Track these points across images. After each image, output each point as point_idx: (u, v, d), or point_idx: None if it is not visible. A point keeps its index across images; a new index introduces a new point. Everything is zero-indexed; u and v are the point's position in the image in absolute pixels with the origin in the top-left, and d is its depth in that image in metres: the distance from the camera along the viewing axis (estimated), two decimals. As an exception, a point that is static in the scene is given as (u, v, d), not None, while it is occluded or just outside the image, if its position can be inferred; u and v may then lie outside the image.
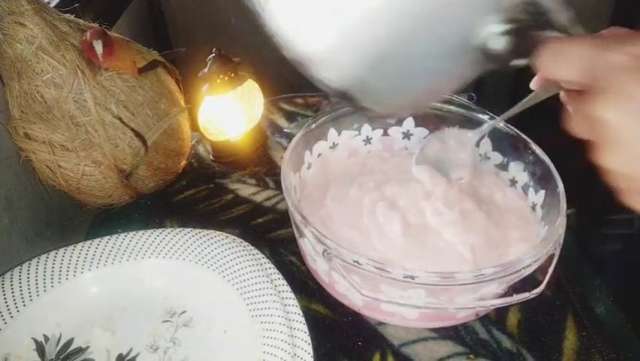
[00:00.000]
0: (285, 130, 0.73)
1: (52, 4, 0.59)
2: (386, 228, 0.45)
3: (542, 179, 0.47)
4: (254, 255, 0.47)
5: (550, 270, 0.38)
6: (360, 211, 0.48)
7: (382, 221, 0.46)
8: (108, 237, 0.49)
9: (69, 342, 0.43)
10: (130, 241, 0.49)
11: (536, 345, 0.44)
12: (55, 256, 0.47)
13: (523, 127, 0.51)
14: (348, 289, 0.43)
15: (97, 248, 0.48)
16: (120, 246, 0.48)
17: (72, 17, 0.52)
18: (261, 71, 0.74)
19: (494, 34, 0.26)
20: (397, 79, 0.29)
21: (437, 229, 0.46)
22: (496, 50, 0.27)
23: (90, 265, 0.47)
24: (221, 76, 0.62)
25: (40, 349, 0.43)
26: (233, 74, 0.63)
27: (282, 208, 0.59)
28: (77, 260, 0.47)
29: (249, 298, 0.43)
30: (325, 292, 0.47)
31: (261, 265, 0.46)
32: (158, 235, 0.49)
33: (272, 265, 0.47)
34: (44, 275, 0.46)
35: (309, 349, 0.40)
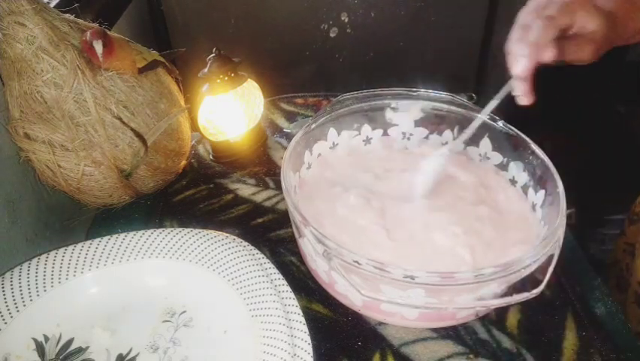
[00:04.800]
0: (285, 130, 0.73)
1: (52, 4, 0.60)
2: (382, 231, 0.45)
3: (542, 179, 0.47)
4: (254, 255, 0.47)
5: (550, 270, 0.38)
6: (358, 213, 0.48)
7: (379, 224, 0.46)
8: (108, 237, 0.49)
9: (69, 342, 0.43)
10: (130, 241, 0.49)
11: (536, 345, 0.44)
12: (55, 256, 0.47)
13: (523, 127, 0.51)
14: (348, 289, 0.43)
15: (97, 248, 0.48)
16: (120, 246, 0.48)
17: (72, 17, 0.52)
18: (261, 71, 0.74)
19: None
20: None
21: (436, 231, 0.45)
22: None
23: (90, 265, 0.47)
24: (221, 76, 0.62)
25: (40, 349, 0.43)
26: (233, 74, 0.63)
27: (282, 208, 0.59)
28: (77, 260, 0.47)
29: (249, 298, 0.43)
30: (325, 292, 0.47)
31: (261, 265, 0.46)
32: (158, 235, 0.49)
33: (272, 265, 0.47)
34: (44, 275, 0.46)
35: (309, 349, 0.40)
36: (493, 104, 0.47)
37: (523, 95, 0.43)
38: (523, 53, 0.41)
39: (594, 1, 0.42)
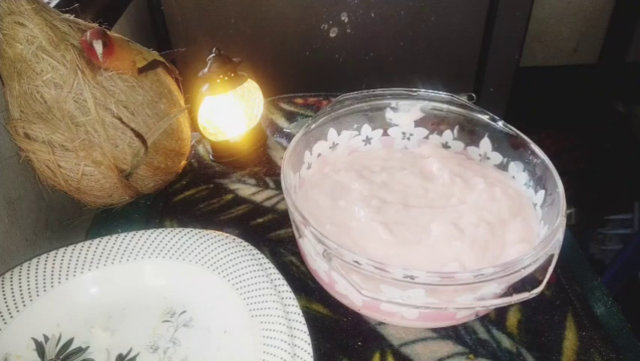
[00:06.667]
0: (285, 130, 0.73)
1: (52, 4, 0.60)
2: (382, 231, 0.45)
3: (542, 179, 0.47)
4: (254, 255, 0.47)
5: (550, 270, 0.38)
6: (358, 213, 0.48)
7: (379, 224, 0.46)
8: (108, 237, 0.49)
9: (69, 342, 0.43)
10: (130, 241, 0.49)
11: (536, 345, 0.44)
12: (55, 256, 0.47)
13: (523, 127, 0.51)
14: (348, 289, 0.43)
15: (97, 248, 0.48)
16: (120, 246, 0.48)
17: (72, 17, 0.52)
18: (261, 71, 0.74)
19: None
20: None
21: (436, 230, 0.45)
22: None
23: (90, 265, 0.47)
24: (221, 76, 0.62)
25: (40, 349, 0.43)
26: (233, 74, 0.63)
27: (282, 208, 0.59)
28: (77, 260, 0.47)
29: (249, 298, 0.43)
30: (325, 292, 0.47)
31: (261, 265, 0.46)
32: (158, 235, 0.49)
33: (272, 265, 0.47)
34: (44, 275, 0.46)
35: (309, 349, 0.40)
36: None
37: None
38: None
39: None
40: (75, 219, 0.61)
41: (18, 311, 0.43)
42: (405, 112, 0.56)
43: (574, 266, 0.51)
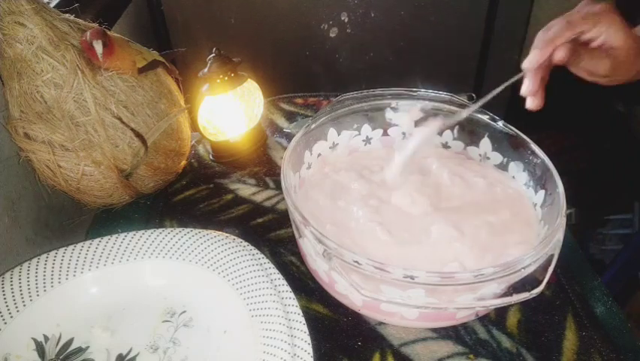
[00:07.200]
0: (285, 130, 0.73)
1: (52, 4, 0.60)
2: (382, 231, 0.45)
3: (542, 179, 0.47)
4: (254, 255, 0.47)
5: (550, 270, 0.38)
6: (358, 213, 0.48)
7: (379, 224, 0.46)
8: (108, 237, 0.49)
9: (69, 342, 0.43)
10: (130, 241, 0.49)
11: (536, 345, 0.44)
12: (55, 256, 0.47)
13: (523, 127, 0.51)
14: (348, 289, 0.43)
15: (97, 248, 0.48)
16: (120, 246, 0.48)
17: (72, 17, 0.52)
18: (261, 71, 0.74)
19: None
20: None
21: (436, 230, 0.45)
22: None
23: (90, 265, 0.47)
24: (221, 76, 0.62)
25: (40, 349, 0.43)
26: (233, 74, 0.64)
27: (282, 208, 0.59)
28: (77, 260, 0.47)
29: (249, 298, 0.43)
30: (325, 292, 0.47)
31: (261, 265, 0.46)
32: (158, 235, 0.49)
33: (272, 265, 0.47)
34: (44, 275, 0.46)
35: (309, 349, 0.40)
36: (489, 95, 0.46)
37: (528, 93, 0.44)
38: (536, 46, 0.42)
39: (624, 22, 0.43)
40: (75, 219, 0.61)
41: (18, 311, 0.43)
42: (405, 112, 0.56)
43: (574, 266, 0.51)
